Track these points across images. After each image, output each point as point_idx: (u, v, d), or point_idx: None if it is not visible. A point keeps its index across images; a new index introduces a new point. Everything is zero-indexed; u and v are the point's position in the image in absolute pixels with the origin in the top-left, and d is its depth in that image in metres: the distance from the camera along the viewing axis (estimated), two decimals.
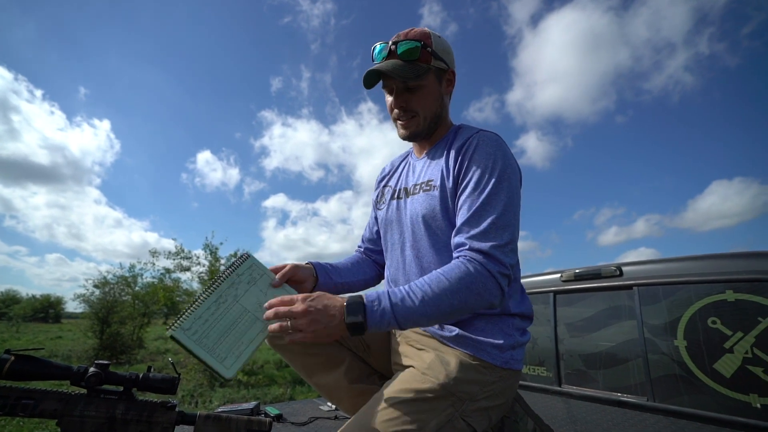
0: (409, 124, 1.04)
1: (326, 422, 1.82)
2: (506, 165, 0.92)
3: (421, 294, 0.79)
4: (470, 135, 0.99)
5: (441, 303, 0.79)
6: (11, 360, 0.70)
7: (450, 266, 0.83)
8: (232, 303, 0.86)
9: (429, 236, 0.99)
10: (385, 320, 0.78)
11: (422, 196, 1.01)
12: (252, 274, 0.92)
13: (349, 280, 1.16)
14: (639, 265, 1.81)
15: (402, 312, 0.78)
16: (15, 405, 0.69)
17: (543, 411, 1.78)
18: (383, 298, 0.79)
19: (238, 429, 0.84)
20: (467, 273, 0.81)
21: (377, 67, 0.98)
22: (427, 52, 1.00)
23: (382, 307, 0.78)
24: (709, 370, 1.48)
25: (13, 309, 43.70)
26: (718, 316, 1.49)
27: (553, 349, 2.08)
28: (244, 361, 0.82)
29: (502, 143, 0.97)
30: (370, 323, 0.77)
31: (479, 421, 0.88)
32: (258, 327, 0.86)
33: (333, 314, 0.78)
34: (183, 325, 0.80)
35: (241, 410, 1.88)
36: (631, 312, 1.77)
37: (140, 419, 0.76)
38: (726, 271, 1.50)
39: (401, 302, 0.78)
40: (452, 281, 0.80)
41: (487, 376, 0.89)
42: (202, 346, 0.80)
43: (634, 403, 1.68)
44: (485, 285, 0.81)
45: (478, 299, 0.81)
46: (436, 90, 1.04)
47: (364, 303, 0.78)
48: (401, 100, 1.03)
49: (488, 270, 0.81)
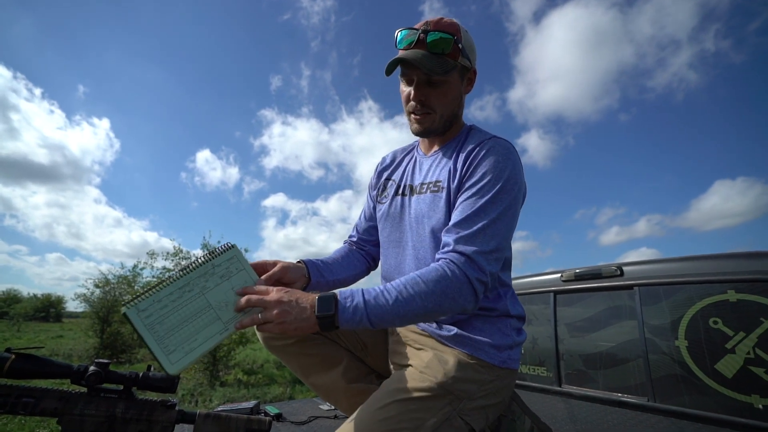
0: (424, 119, 1.00)
1: (326, 421, 1.82)
2: (512, 176, 0.91)
3: (396, 294, 0.78)
4: (483, 139, 0.97)
5: (414, 304, 0.78)
6: (12, 358, 0.70)
7: (429, 268, 0.82)
8: (197, 294, 0.80)
9: (432, 238, 0.98)
10: (357, 317, 0.77)
11: (429, 197, 1.00)
12: (229, 267, 0.85)
13: (341, 276, 1.12)
14: (640, 265, 1.81)
15: (374, 310, 0.77)
16: (16, 403, 0.69)
17: (543, 411, 1.77)
18: (356, 294, 0.79)
19: (238, 428, 0.84)
20: (444, 277, 0.80)
21: (405, 56, 0.92)
22: (457, 48, 0.96)
23: (355, 303, 0.77)
24: (711, 371, 1.47)
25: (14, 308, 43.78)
26: (720, 316, 1.48)
27: (553, 349, 2.08)
28: (193, 359, 0.76)
29: (514, 153, 0.94)
30: (342, 319, 0.76)
31: (477, 419, 0.88)
32: (217, 327, 0.80)
33: (304, 306, 0.76)
34: (139, 305, 0.75)
35: (241, 409, 1.88)
36: (632, 312, 1.77)
37: (140, 418, 0.76)
38: (728, 271, 1.49)
39: (374, 300, 0.78)
40: (428, 284, 0.79)
41: (484, 375, 0.90)
42: (153, 332, 0.74)
43: (634, 404, 1.67)
44: (461, 290, 0.80)
45: (451, 304, 0.80)
46: (457, 88, 1.01)
47: (337, 298, 0.78)
48: (421, 94, 0.98)
49: (467, 275, 0.81)
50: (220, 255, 0.85)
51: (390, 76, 0.97)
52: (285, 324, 0.75)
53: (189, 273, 0.81)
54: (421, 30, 0.95)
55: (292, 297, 0.78)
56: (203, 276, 0.82)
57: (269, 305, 0.77)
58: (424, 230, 0.99)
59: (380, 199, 1.16)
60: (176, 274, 0.80)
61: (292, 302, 0.77)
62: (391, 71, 0.97)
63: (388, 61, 0.94)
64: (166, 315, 0.76)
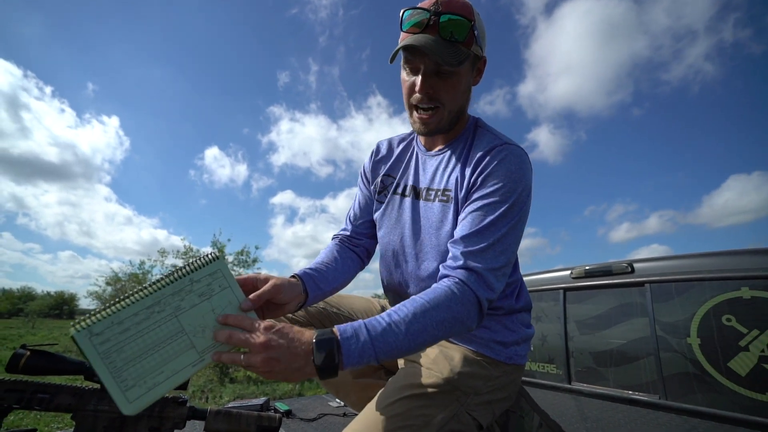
0: (430, 119, 0.90)
1: (335, 418, 1.83)
2: (524, 188, 0.86)
3: (405, 327, 0.69)
4: (495, 145, 0.89)
5: (425, 335, 0.71)
6: (27, 355, 0.71)
7: (438, 291, 0.75)
8: (169, 316, 0.64)
9: (438, 251, 0.93)
10: (364, 359, 0.66)
11: (438, 207, 0.93)
12: (211, 284, 0.69)
13: (338, 283, 1.01)
14: (651, 262, 1.78)
15: (383, 347, 0.67)
16: (31, 399, 0.70)
17: (552, 408, 1.76)
18: (361, 332, 0.67)
19: (249, 424, 0.85)
20: (455, 300, 0.74)
21: (415, 42, 0.80)
22: (473, 34, 0.85)
23: (361, 344, 0.66)
24: (724, 369, 1.45)
25: (29, 306, 44.69)
26: (733, 313, 1.46)
27: (562, 347, 2.06)
28: (156, 397, 0.61)
29: (527, 162, 0.89)
30: (346, 364, 0.65)
31: (484, 414, 0.88)
32: (190, 357, 0.65)
33: (297, 353, 0.64)
34: (93, 327, 0.59)
35: (251, 406, 1.90)
36: (643, 309, 1.74)
37: (152, 414, 0.77)
38: (742, 267, 1.47)
39: (382, 337, 0.67)
40: (440, 311, 0.72)
41: (490, 370, 0.90)
42: (108, 362, 0.59)
43: (645, 402, 1.65)
44: (469, 312, 0.76)
45: (460, 327, 0.76)
46: (467, 80, 0.92)
47: (338, 340, 0.65)
48: (429, 86, 0.87)
49: (476, 295, 0.76)
50: (200, 268, 0.68)
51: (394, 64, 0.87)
52: (272, 373, 0.64)
53: (161, 289, 0.64)
54: (433, 11, 0.82)
55: (283, 340, 0.64)
56: (178, 293, 0.66)
57: (255, 348, 0.64)
58: (431, 241, 0.93)
59: (379, 197, 1.08)
60: (145, 290, 0.64)
61: (282, 348, 0.63)
62: (395, 58, 0.87)
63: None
64: (127, 341, 0.60)
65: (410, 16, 0.84)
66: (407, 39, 0.83)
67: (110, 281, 15.07)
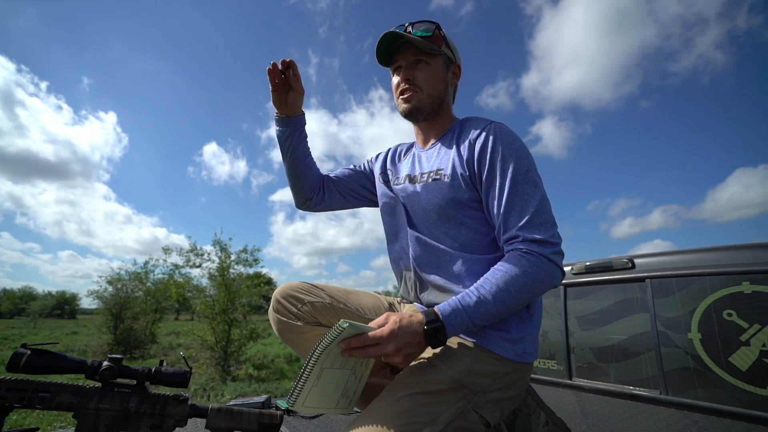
0: (411, 97, 1.04)
1: (336, 416, 1.84)
2: (528, 155, 0.95)
3: (492, 296, 0.82)
4: (485, 125, 0.99)
5: (513, 299, 0.83)
6: (28, 354, 0.71)
7: (511, 261, 0.86)
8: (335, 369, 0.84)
9: (432, 222, 1.00)
10: (464, 328, 0.82)
11: (432, 185, 1.01)
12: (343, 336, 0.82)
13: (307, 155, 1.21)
14: (652, 257, 1.78)
15: (477, 317, 0.82)
16: (32, 398, 0.70)
17: (554, 404, 1.76)
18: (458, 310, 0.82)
19: (250, 422, 0.85)
20: (528, 264, 0.84)
21: (396, 30, 1.01)
22: (440, 35, 1.04)
23: (459, 318, 0.82)
24: (725, 363, 1.45)
25: (30, 305, 44.82)
26: (734, 308, 1.46)
27: (563, 343, 2.07)
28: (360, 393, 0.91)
29: (516, 134, 0.99)
30: (450, 335, 0.82)
31: (491, 412, 0.87)
32: (360, 371, 0.89)
33: (420, 341, 0.80)
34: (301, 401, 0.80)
35: (253, 403, 1.90)
36: (644, 304, 1.75)
37: (153, 412, 0.77)
38: (743, 262, 1.46)
39: (475, 309, 0.82)
40: (518, 276, 0.83)
41: (499, 367, 0.89)
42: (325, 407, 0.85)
43: (646, 397, 1.66)
44: (546, 271, 0.85)
45: (542, 286, 0.85)
46: (442, 73, 1.06)
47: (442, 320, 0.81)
48: (408, 73, 1.04)
49: (546, 256, 0.85)
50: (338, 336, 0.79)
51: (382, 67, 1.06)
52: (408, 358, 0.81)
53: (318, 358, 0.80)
54: (407, 23, 1.04)
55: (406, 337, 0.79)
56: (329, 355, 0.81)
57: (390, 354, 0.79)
58: (425, 214, 1.02)
59: (379, 186, 1.19)
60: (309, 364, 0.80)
61: (408, 343, 0.79)
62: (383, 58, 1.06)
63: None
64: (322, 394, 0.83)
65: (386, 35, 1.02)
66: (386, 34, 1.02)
67: (111, 281, 15.13)
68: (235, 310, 10.81)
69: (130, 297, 15.37)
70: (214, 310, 10.61)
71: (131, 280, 15.69)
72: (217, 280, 11.06)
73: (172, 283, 13.50)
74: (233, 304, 10.78)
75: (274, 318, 1.09)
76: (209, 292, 11.33)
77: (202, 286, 11.88)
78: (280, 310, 1.07)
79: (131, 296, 15.47)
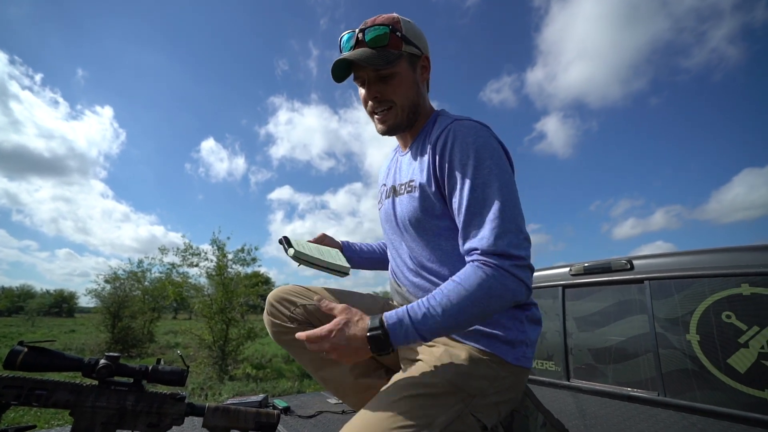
0: (386, 117, 1.00)
1: (333, 416, 1.83)
2: (490, 153, 0.87)
3: (441, 309, 0.77)
4: (444, 127, 0.94)
5: (465, 314, 0.77)
6: (25, 351, 0.71)
7: (466, 273, 0.80)
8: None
9: (418, 236, 0.98)
10: (410, 340, 0.78)
11: (406, 198, 0.99)
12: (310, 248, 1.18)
13: (369, 254, 1.33)
14: (650, 259, 1.78)
15: (425, 330, 0.77)
16: (29, 395, 0.70)
17: (551, 406, 1.76)
18: (404, 319, 0.78)
19: (247, 421, 0.84)
20: (484, 277, 0.78)
21: (345, 55, 0.93)
22: (396, 37, 0.95)
23: (404, 328, 0.77)
24: (723, 365, 1.45)
25: (28, 303, 44.70)
26: (733, 310, 1.46)
27: (561, 344, 2.06)
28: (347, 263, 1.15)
29: (481, 129, 0.90)
30: (395, 345, 0.78)
31: (489, 416, 0.86)
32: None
33: (358, 347, 0.78)
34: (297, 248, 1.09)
35: (250, 402, 1.90)
36: (642, 306, 1.75)
37: (150, 410, 0.77)
38: (742, 264, 1.47)
39: (423, 321, 0.77)
40: (471, 290, 0.77)
41: (497, 371, 0.88)
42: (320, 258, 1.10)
43: (644, 398, 1.66)
44: (505, 285, 0.78)
45: (500, 301, 0.78)
46: (410, 77, 0.99)
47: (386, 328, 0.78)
48: (374, 91, 0.98)
49: (505, 269, 0.78)
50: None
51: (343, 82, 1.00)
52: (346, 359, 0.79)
53: None
54: (359, 30, 0.96)
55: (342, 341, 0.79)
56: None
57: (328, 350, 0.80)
58: (409, 230, 1.00)
59: (378, 205, 1.19)
60: None
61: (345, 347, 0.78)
62: (342, 77, 0.99)
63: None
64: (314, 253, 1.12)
65: (346, 40, 0.98)
66: (340, 56, 0.96)
67: (109, 279, 15.10)
68: (233, 310, 10.79)
69: (128, 296, 15.35)
70: (212, 309, 10.59)
71: (128, 279, 15.66)
72: (215, 279, 11.04)
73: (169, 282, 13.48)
74: (231, 303, 10.76)
75: (268, 321, 1.09)
76: (207, 291, 11.32)
77: (200, 285, 11.86)
78: (273, 313, 1.07)
79: (129, 295, 15.45)
